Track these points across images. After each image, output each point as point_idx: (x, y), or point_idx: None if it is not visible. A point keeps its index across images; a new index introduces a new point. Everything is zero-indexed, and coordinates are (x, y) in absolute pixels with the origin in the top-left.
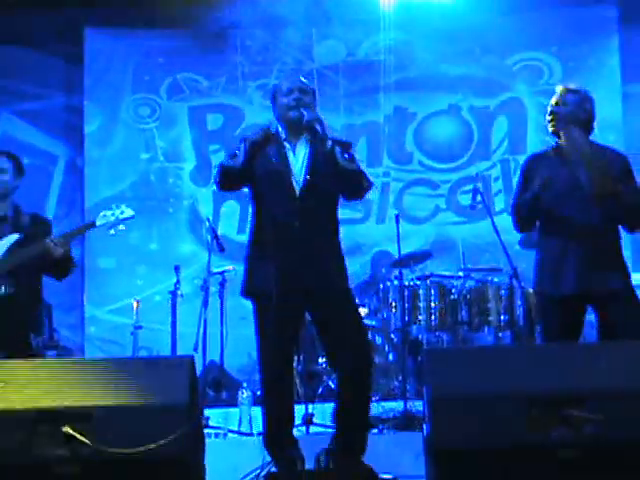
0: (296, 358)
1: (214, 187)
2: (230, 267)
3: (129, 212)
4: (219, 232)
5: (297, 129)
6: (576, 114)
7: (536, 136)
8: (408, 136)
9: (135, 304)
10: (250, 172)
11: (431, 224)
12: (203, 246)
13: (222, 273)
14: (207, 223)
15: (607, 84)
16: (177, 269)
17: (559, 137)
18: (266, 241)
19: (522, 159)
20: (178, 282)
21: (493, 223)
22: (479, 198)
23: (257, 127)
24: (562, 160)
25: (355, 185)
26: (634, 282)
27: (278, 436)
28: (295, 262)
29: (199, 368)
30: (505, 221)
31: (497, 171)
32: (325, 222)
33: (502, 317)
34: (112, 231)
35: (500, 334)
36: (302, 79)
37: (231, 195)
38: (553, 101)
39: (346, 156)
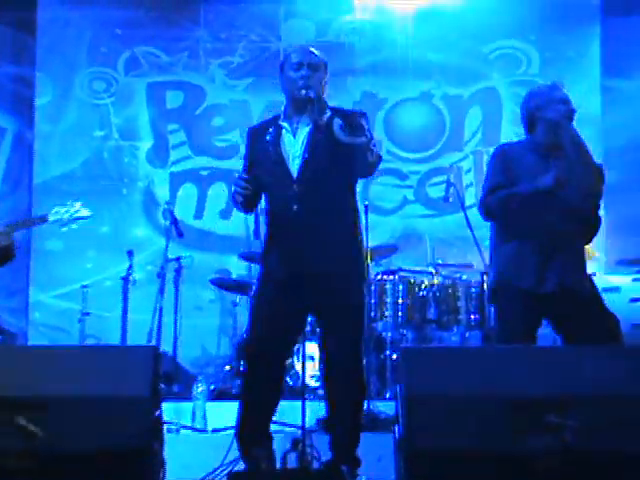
0: None
1: (171, 168)
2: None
3: (85, 212)
4: (176, 216)
5: (301, 107)
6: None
7: (510, 128)
8: (377, 123)
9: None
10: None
11: (398, 216)
12: (158, 230)
13: (178, 260)
14: (165, 206)
15: (586, 76)
16: (130, 254)
17: (548, 133)
18: (271, 227)
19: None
20: (131, 267)
21: (466, 217)
22: (452, 190)
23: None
24: (553, 156)
25: (359, 161)
26: (611, 284)
27: (250, 430)
28: (296, 248)
29: None
30: (476, 216)
31: (469, 163)
32: (330, 205)
33: (472, 316)
34: (64, 229)
35: (467, 334)
36: (314, 51)
37: (188, 177)
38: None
39: (343, 128)
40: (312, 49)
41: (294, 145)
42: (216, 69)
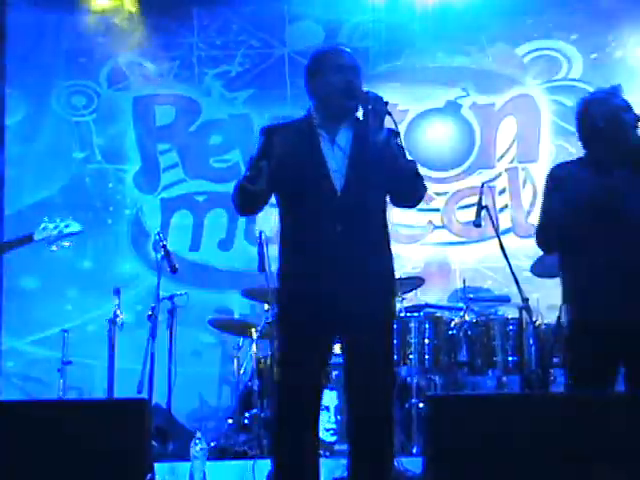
0: None
1: (162, 194)
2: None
3: (75, 226)
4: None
5: (341, 115)
6: None
7: (550, 141)
8: None
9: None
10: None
11: (423, 244)
12: (148, 265)
13: (171, 298)
14: (156, 237)
15: (636, 80)
16: (117, 292)
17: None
18: (299, 251)
19: (533, 168)
20: (118, 308)
21: (501, 244)
22: (484, 214)
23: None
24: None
25: (410, 189)
26: None
27: None
28: (334, 276)
29: None
30: (512, 243)
31: (503, 182)
32: (374, 227)
33: (510, 358)
34: (54, 247)
35: (505, 378)
36: (352, 54)
37: (182, 204)
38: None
39: (403, 152)
40: (348, 49)
41: (334, 155)
42: (212, 80)
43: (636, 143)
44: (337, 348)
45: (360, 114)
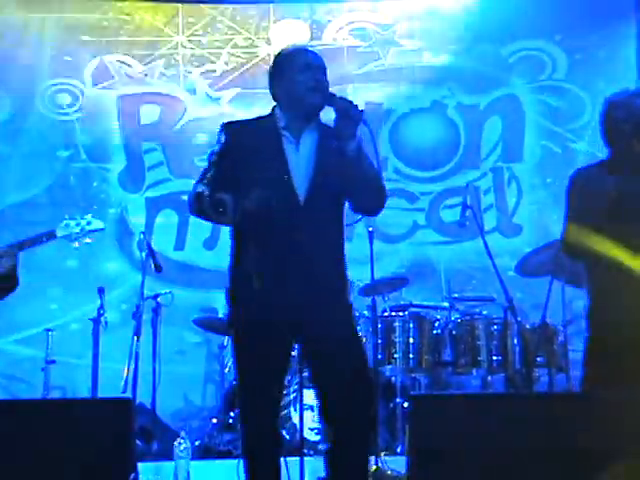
0: None
1: (147, 193)
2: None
3: (98, 223)
4: (154, 248)
5: (306, 116)
6: None
7: (535, 141)
8: (382, 138)
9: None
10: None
11: (408, 244)
12: (132, 264)
13: (155, 297)
14: (140, 236)
15: (620, 81)
16: (101, 291)
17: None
18: (254, 259)
19: (518, 168)
20: (102, 307)
21: (485, 244)
22: (469, 213)
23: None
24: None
25: (372, 199)
26: None
27: None
28: (291, 285)
29: None
30: (497, 242)
31: (488, 182)
32: (333, 236)
33: (494, 357)
34: (76, 243)
35: (489, 378)
36: (318, 55)
37: (167, 203)
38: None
39: (371, 160)
40: (314, 50)
41: (298, 160)
42: (197, 79)
43: None
44: None
45: (331, 119)
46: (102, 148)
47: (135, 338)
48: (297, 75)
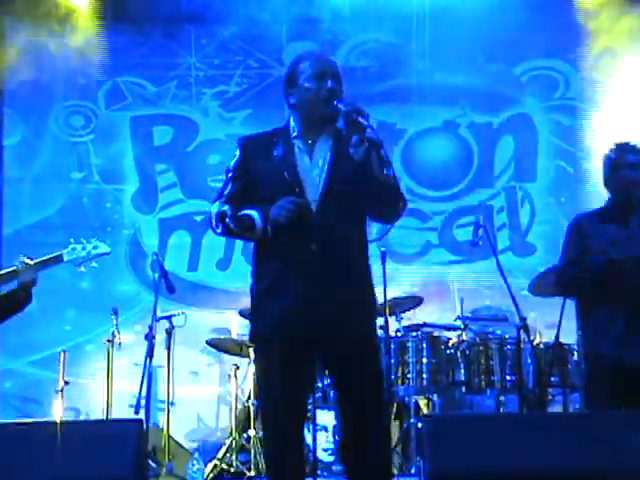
0: None
1: (160, 214)
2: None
3: (104, 248)
4: (167, 269)
5: (321, 125)
6: None
7: (548, 160)
8: (395, 157)
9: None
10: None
11: (421, 263)
12: (146, 285)
13: (169, 318)
14: (153, 257)
15: (632, 96)
16: (114, 312)
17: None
18: (274, 271)
19: (531, 187)
20: (115, 328)
21: (498, 264)
22: (481, 233)
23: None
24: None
25: (389, 205)
26: None
27: None
28: (310, 299)
29: None
30: (510, 262)
31: (501, 201)
32: (352, 244)
33: (507, 377)
34: (82, 268)
35: (503, 398)
36: (333, 61)
37: (180, 224)
38: None
39: (384, 166)
40: (331, 58)
41: (312, 168)
42: (210, 100)
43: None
44: None
45: (341, 127)
46: (115, 169)
47: (148, 359)
48: (310, 84)
